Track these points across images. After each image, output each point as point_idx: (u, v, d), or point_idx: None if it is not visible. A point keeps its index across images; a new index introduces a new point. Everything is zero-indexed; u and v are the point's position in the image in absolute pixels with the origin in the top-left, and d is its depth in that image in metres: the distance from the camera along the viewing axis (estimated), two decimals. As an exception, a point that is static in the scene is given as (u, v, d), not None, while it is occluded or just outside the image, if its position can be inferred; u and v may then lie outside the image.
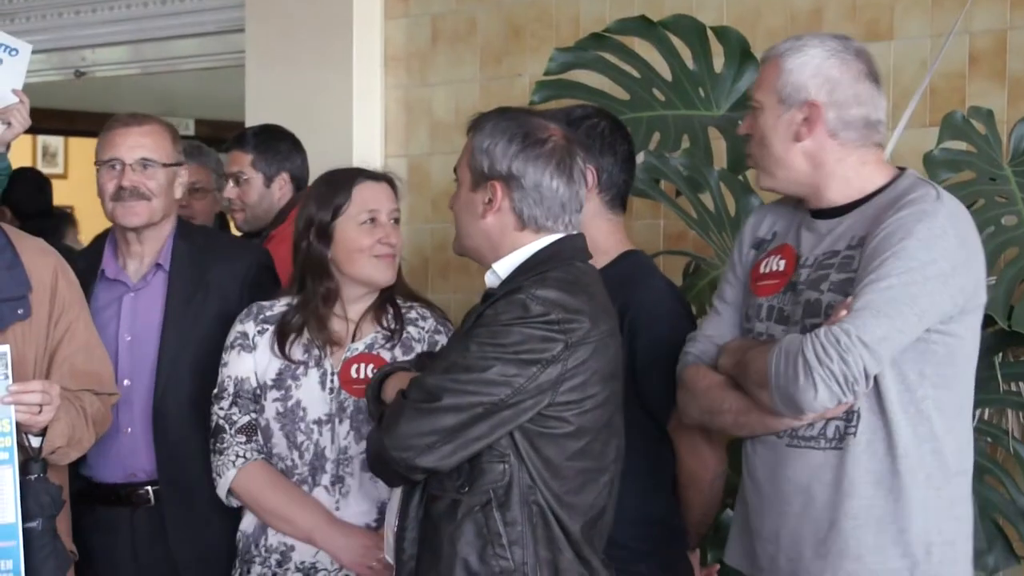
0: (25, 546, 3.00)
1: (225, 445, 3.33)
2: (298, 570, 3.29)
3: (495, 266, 2.82)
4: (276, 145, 4.54)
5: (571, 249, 2.83)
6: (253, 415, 3.34)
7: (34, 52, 4.04)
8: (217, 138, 4.70)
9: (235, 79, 5.37)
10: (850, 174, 2.84)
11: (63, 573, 3.12)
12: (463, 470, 2.72)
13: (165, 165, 3.55)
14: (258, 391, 3.34)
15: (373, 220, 3.31)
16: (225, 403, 3.36)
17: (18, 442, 3.00)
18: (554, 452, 2.73)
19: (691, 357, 2.98)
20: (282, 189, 4.51)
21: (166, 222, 3.61)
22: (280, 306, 3.39)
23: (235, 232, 4.75)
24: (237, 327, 3.38)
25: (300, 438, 3.30)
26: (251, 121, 4.93)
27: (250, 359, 3.35)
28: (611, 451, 2.83)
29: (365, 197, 3.33)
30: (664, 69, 3.86)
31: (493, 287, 2.81)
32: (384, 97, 4.99)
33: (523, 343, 2.67)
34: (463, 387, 2.67)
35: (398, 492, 2.88)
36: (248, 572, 3.33)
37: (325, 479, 3.29)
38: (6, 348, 2.99)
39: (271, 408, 3.32)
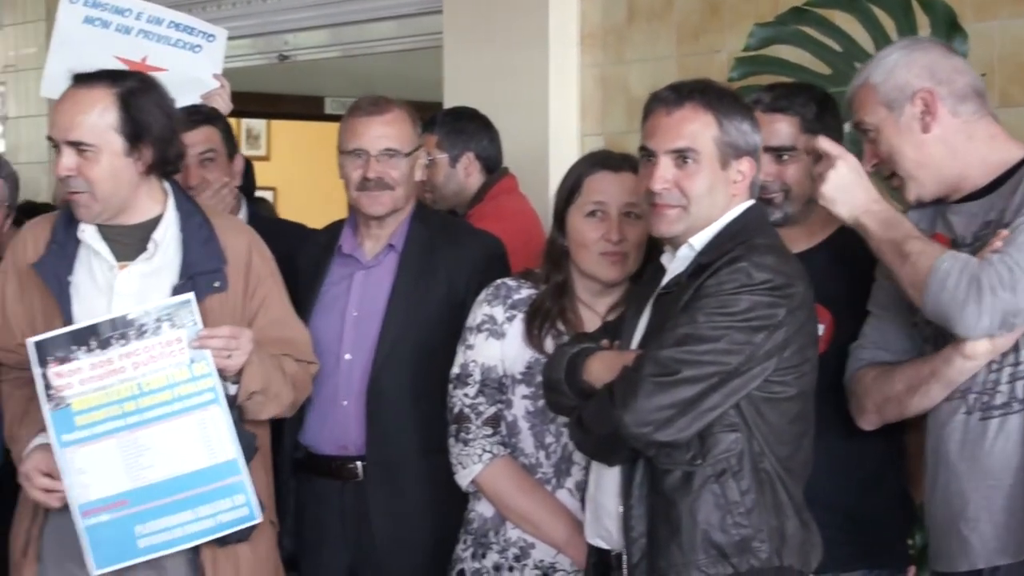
0: None
1: (471, 436, 3.27)
2: (536, 567, 3.24)
3: (692, 240, 2.83)
4: (461, 125, 4.53)
5: (760, 217, 2.88)
6: (499, 406, 3.28)
7: (239, 37, 4.15)
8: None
9: (433, 60, 5.41)
10: (985, 152, 2.87)
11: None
12: (693, 442, 2.73)
13: (407, 154, 3.57)
14: (504, 380, 3.28)
15: (599, 213, 3.17)
16: (470, 390, 3.29)
17: None
18: (777, 417, 2.76)
19: (862, 363, 2.97)
20: (467, 169, 4.50)
21: (407, 205, 3.63)
22: (527, 288, 3.30)
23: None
24: (484, 308, 3.31)
25: (548, 439, 3.24)
26: (449, 101, 4.97)
27: (498, 347, 3.28)
28: (813, 412, 2.86)
29: (595, 187, 3.17)
30: (867, 42, 3.76)
31: (688, 260, 2.81)
32: (580, 75, 4.97)
33: (751, 310, 2.69)
34: (700, 358, 2.69)
35: (610, 474, 2.86)
36: (483, 557, 3.28)
37: (570, 482, 3.22)
38: (191, 296, 3.08)
39: (520, 405, 3.26)
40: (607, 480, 2.89)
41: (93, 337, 3.05)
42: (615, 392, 2.74)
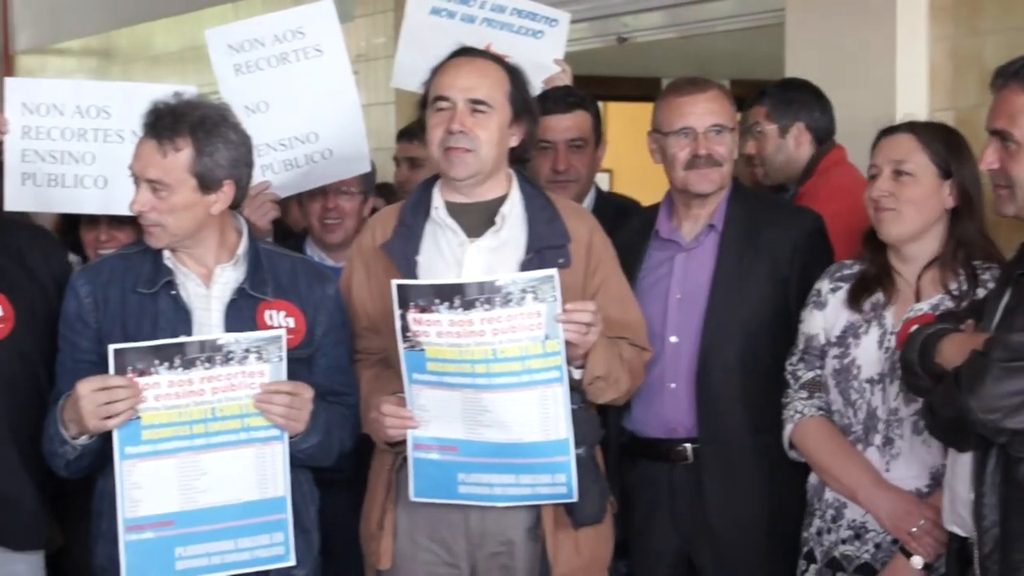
0: None
1: (787, 400, 3.39)
2: (849, 528, 3.28)
3: None
4: (791, 96, 4.50)
5: None
6: (818, 371, 3.37)
7: (577, 21, 4.17)
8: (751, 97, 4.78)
9: (773, 37, 5.33)
10: None
11: (604, 503, 3.28)
12: None
13: (731, 129, 3.60)
14: (825, 347, 3.36)
15: (875, 176, 3.30)
16: (794, 358, 3.41)
17: None
18: None
19: None
20: (797, 139, 4.46)
21: (729, 183, 3.66)
22: (860, 266, 3.38)
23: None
24: (816, 284, 3.42)
25: (854, 396, 3.29)
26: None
27: (820, 316, 3.38)
28: None
29: (879, 149, 3.32)
30: None
31: None
32: (929, 48, 4.80)
33: None
34: None
35: (963, 459, 2.80)
36: (810, 525, 3.37)
37: (877, 439, 3.26)
38: (554, 271, 3.11)
39: (829, 364, 3.34)
40: (960, 465, 2.84)
41: (458, 296, 3.10)
42: (962, 376, 2.67)
